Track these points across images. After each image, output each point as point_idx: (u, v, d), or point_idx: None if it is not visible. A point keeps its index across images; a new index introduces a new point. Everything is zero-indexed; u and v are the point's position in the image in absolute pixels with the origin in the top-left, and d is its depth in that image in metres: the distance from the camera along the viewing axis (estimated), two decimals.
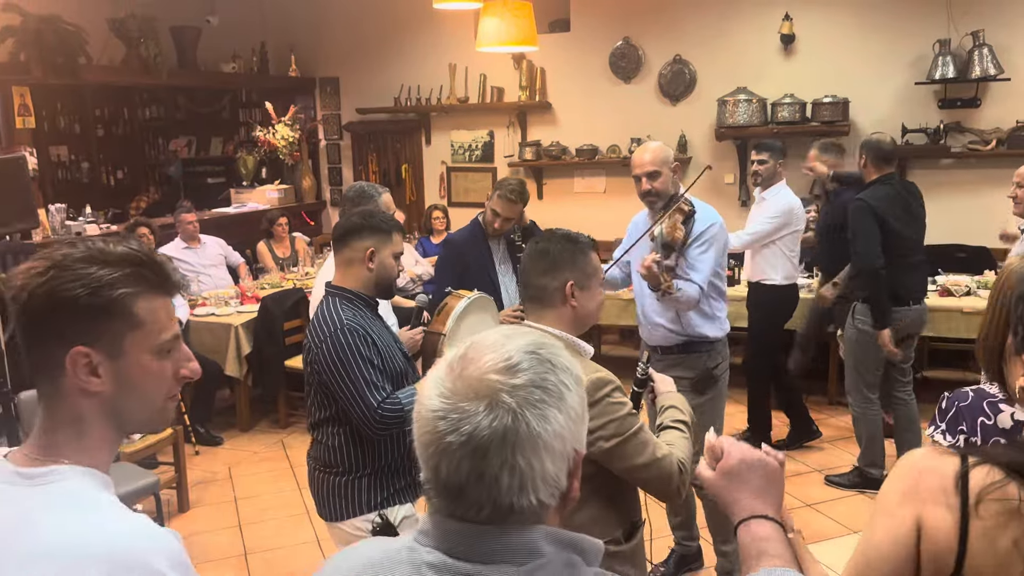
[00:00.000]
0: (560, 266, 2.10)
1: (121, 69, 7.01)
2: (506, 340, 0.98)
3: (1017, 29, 6.12)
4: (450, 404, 0.93)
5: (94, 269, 1.07)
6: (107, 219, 7.19)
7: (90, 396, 1.09)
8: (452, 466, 0.92)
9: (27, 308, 1.07)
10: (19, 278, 1.08)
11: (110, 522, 1.05)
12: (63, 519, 1.03)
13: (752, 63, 6.87)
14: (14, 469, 1.07)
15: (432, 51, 7.94)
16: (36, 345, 1.09)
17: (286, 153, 8.00)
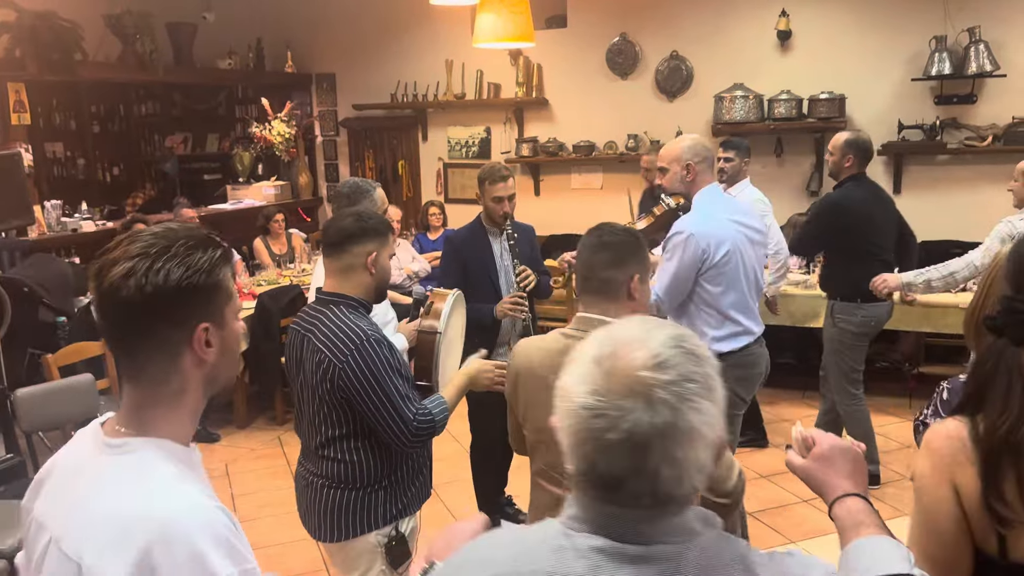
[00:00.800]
0: (627, 259, 2.13)
1: (117, 65, 7.00)
2: (647, 334, 1.00)
3: (1013, 25, 6.12)
4: (606, 402, 0.96)
5: (199, 254, 1.17)
6: (103, 216, 7.18)
7: (202, 366, 1.21)
8: (611, 461, 0.96)
9: (133, 301, 1.13)
10: (118, 270, 1.14)
11: (162, 497, 1.12)
12: (124, 488, 1.13)
13: (749, 59, 6.87)
14: (104, 440, 1.19)
15: (429, 47, 7.93)
16: (146, 332, 1.16)
17: (282, 149, 7.99)
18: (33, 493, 1.28)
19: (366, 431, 2.35)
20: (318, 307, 2.43)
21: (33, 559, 1.20)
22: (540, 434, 2.12)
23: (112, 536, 1.09)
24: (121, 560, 1.06)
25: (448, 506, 4.47)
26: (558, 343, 2.15)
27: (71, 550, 1.12)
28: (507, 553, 1.04)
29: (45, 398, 3.85)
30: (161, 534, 1.08)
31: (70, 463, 1.24)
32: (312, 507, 2.46)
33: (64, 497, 1.19)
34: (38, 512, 1.23)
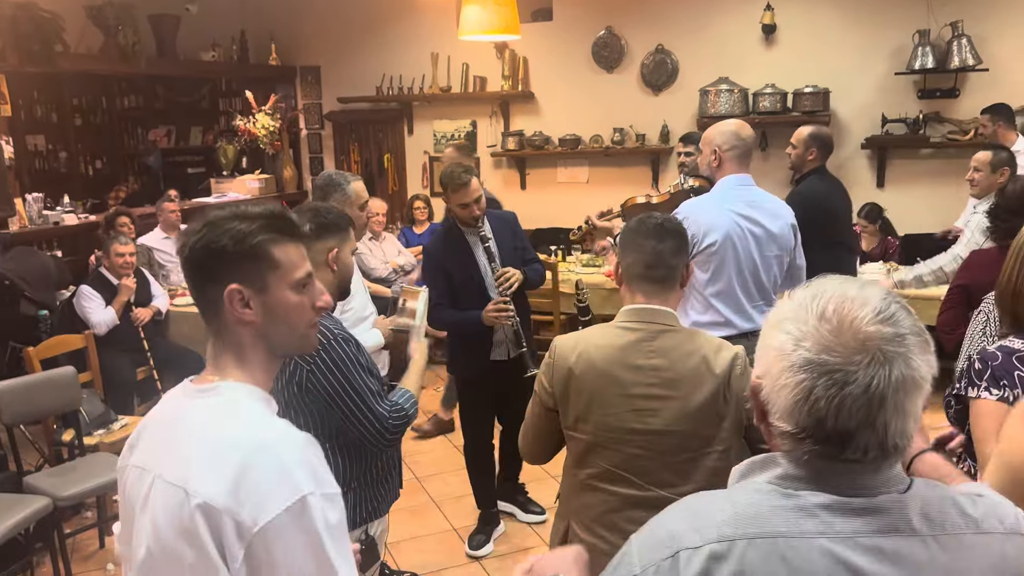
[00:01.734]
0: (684, 247, 2.14)
1: (99, 57, 6.93)
2: (863, 291, 1.03)
3: (995, 20, 6.17)
4: (840, 358, 0.97)
5: (236, 223, 1.35)
6: (86, 209, 7.12)
7: (245, 325, 1.36)
8: (845, 416, 0.97)
9: (191, 259, 1.36)
10: (182, 237, 1.38)
11: (254, 424, 1.30)
12: (218, 420, 1.30)
13: (734, 53, 6.88)
14: (193, 387, 1.38)
15: (414, 40, 7.91)
16: (201, 287, 1.37)
17: (267, 143, 7.94)
18: (127, 453, 1.42)
19: (334, 433, 2.25)
20: None
21: (137, 504, 1.33)
22: (607, 434, 2.03)
23: (211, 459, 1.24)
24: (221, 476, 1.21)
25: (433, 498, 4.47)
26: (620, 338, 2.06)
27: (175, 478, 1.26)
28: (728, 515, 1.03)
29: (26, 391, 3.82)
30: (255, 452, 1.23)
31: (163, 416, 1.40)
32: None
33: (162, 441, 1.34)
34: (137, 462, 1.37)
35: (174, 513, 1.25)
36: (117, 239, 5.28)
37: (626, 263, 2.12)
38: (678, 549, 1.02)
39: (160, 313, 5.45)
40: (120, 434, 4.35)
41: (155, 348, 5.29)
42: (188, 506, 1.22)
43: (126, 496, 1.39)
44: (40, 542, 3.72)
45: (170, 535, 1.26)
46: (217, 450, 1.25)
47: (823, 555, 0.98)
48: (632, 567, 1.06)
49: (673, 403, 1.99)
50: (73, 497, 3.66)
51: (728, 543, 1.00)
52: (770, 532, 1.00)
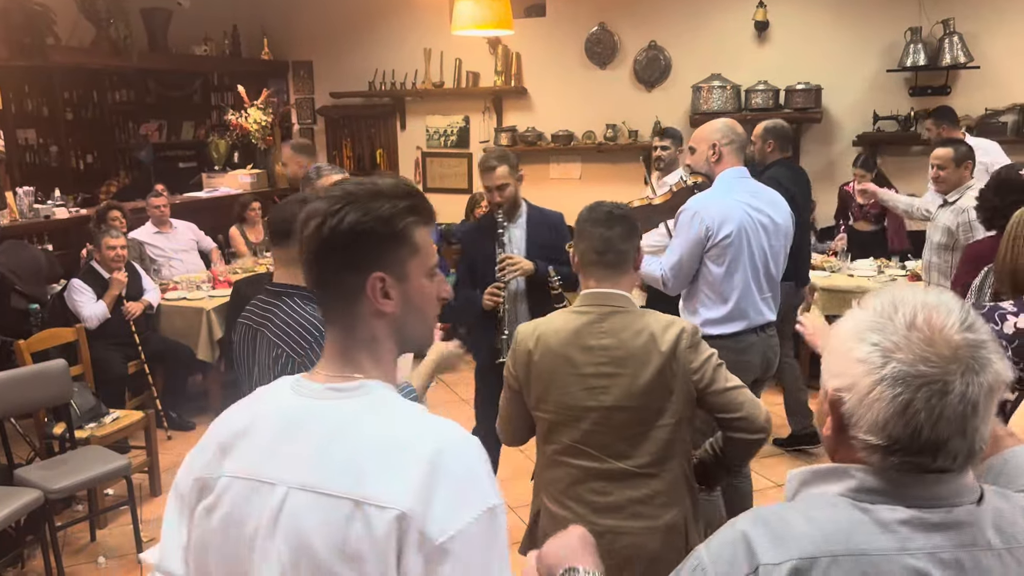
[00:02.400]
0: (634, 231, 2.22)
1: (90, 51, 6.90)
2: (941, 298, 1.02)
3: (986, 17, 6.20)
4: (938, 368, 0.97)
5: (381, 202, 1.18)
6: (76, 203, 7.09)
7: (382, 317, 1.20)
8: (942, 426, 0.97)
9: (329, 241, 1.17)
10: (313, 217, 1.19)
11: (430, 423, 1.15)
12: (383, 420, 1.14)
13: (726, 50, 6.90)
14: (324, 386, 1.19)
15: (407, 35, 7.90)
16: (335, 273, 1.19)
17: (259, 137, 7.92)
18: (213, 462, 1.19)
19: None
20: (269, 300, 2.31)
21: (254, 522, 1.12)
22: (566, 412, 2.15)
23: (388, 462, 1.08)
24: (404, 480, 1.06)
25: None
26: (574, 321, 2.18)
27: (335, 488, 1.08)
28: (806, 530, 1.01)
29: (17, 384, 3.80)
30: (440, 451, 1.08)
31: (274, 418, 1.19)
32: None
33: (291, 445, 1.14)
34: (242, 471, 1.16)
35: (336, 530, 1.07)
36: (108, 232, 5.26)
37: (580, 250, 2.22)
38: (758, 564, 1.01)
39: (151, 307, 5.43)
40: (111, 427, 4.35)
41: (146, 342, 5.28)
42: (362, 520, 1.06)
43: (220, 515, 1.16)
44: (31, 535, 3.70)
45: (327, 558, 1.07)
46: (396, 454, 1.09)
47: (905, 571, 0.98)
48: None
49: (623, 380, 2.11)
50: (64, 490, 3.65)
51: (810, 560, 0.99)
52: (853, 550, 0.99)
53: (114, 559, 3.92)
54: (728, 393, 2.12)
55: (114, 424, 4.39)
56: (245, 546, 1.13)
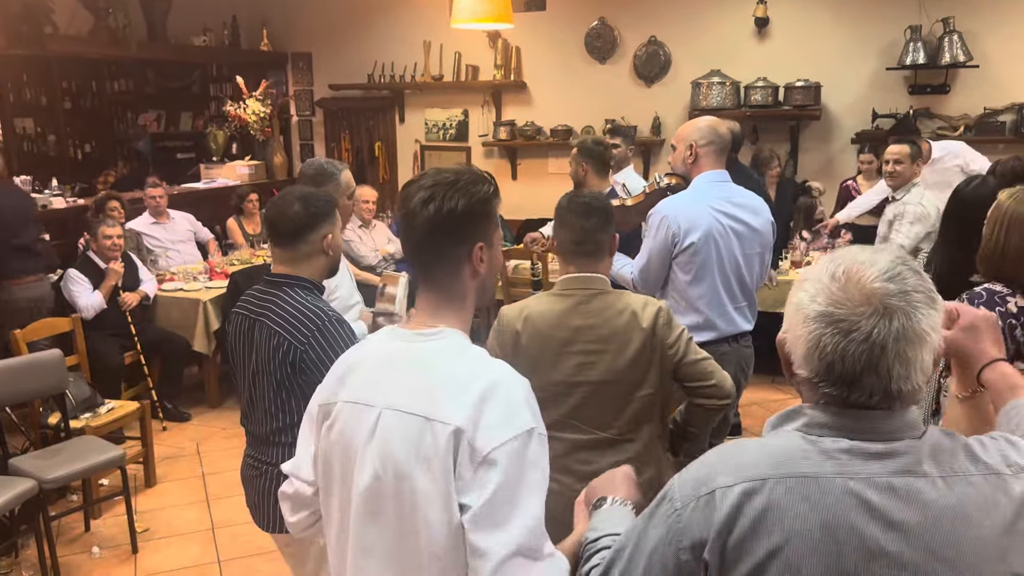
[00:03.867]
0: (611, 220, 2.37)
1: (89, 40, 6.89)
2: (875, 255, 1.17)
3: (986, 16, 6.19)
4: (845, 311, 1.12)
5: (480, 187, 1.46)
6: (74, 193, 7.08)
7: (476, 277, 1.50)
8: (850, 362, 1.11)
9: (447, 220, 1.42)
10: (420, 196, 1.43)
11: (487, 362, 1.44)
12: (452, 359, 1.43)
13: (726, 46, 6.89)
14: (413, 332, 1.47)
15: (406, 28, 7.88)
16: (445, 245, 1.45)
17: (257, 129, 7.91)
18: (332, 391, 1.51)
19: None
20: (268, 290, 2.32)
21: (357, 436, 1.43)
22: (554, 388, 2.29)
23: (451, 390, 1.36)
24: (461, 404, 1.33)
25: None
26: (559, 304, 2.32)
27: (413, 408, 1.37)
28: (759, 458, 1.17)
29: (13, 373, 3.80)
30: (491, 387, 1.36)
31: (376, 357, 1.50)
32: (264, 497, 2.34)
33: (386, 377, 1.44)
34: (351, 397, 1.47)
35: (412, 440, 1.35)
36: (104, 222, 5.25)
37: (560, 239, 2.37)
38: (714, 488, 1.16)
39: (148, 298, 5.43)
40: (107, 417, 4.35)
41: (142, 333, 5.28)
42: (430, 433, 1.34)
43: (337, 430, 1.47)
44: (25, 524, 3.71)
45: (405, 460, 1.36)
46: (457, 384, 1.37)
47: (842, 492, 1.11)
48: (674, 503, 1.20)
49: (607, 356, 2.28)
50: (59, 480, 3.65)
51: (759, 482, 1.14)
52: (796, 472, 1.13)
53: (108, 549, 3.92)
54: (699, 364, 2.36)
55: (109, 414, 4.39)
56: (354, 453, 1.43)
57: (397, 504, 1.37)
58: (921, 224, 4.44)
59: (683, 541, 1.16)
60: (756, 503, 1.13)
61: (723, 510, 1.14)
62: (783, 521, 1.11)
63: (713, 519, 1.14)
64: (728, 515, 1.13)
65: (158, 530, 4.10)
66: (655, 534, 1.21)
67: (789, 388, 5.79)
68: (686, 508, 1.17)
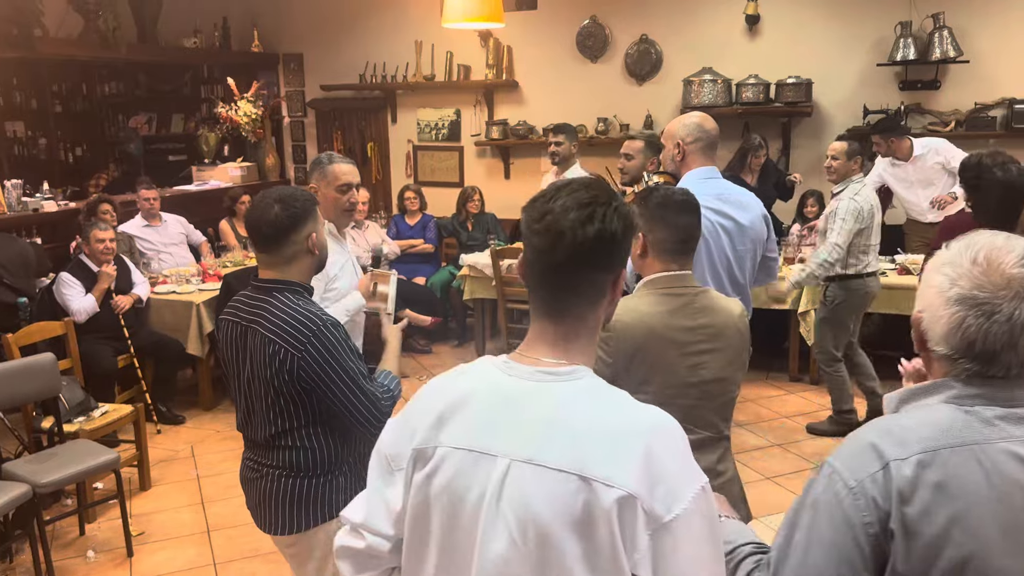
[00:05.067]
0: (700, 217, 2.34)
1: (79, 42, 6.86)
2: (1010, 241, 1.26)
3: (976, 12, 6.21)
4: (988, 294, 1.22)
5: (623, 203, 1.30)
6: (65, 196, 7.06)
7: (611, 306, 1.35)
8: (992, 340, 1.23)
9: (605, 240, 1.25)
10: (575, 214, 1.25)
11: (637, 409, 1.26)
12: (600, 406, 1.25)
13: (717, 43, 6.90)
14: (537, 369, 1.28)
15: (398, 28, 7.87)
16: (598, 271, 1.28)
17: (249, 130, 7.90)
18: (431, 429, 1.28)
19: (325, 418, 2.24)
20: (257, 296, 2.27)
21: (476, 491, 1.23)
22: (669, 390, 2.22)
23: (611, 446, 1.18)
24: (627, 464, 1.16)
25: None
26: (665, 304, 2.24)
27: (561, 464, 1.18)
28: (923, 431, 1.25)
29: (5, 377, 3.78)
30: (656, 439, 1.20)
31: (488, 396, 1.28)
32: (267, 499, 2.31)
33: (509, 421, 1.24)
34: (460, 443, 1.25)
35: (563, 502, 1.17)
36: (97, 225, 5.24)
37: (659, 237, 2.24)
38: (888, 461, 1.22)
39: (141, 301, 5.41)
40: (100, 421, 4.33)
41: (136, 336, 5.26)
42: (589, 494, 1.16)
43: (440, 481, 1.26)
44: (19, 529, 3.69)
45: (552, 524, 1.17)
46: (617, 438, 1.19)
47: (1006, 455, 1.21)
48: (847, 483, 1.24)
49: (717, 355, 2.25)
50: (53, 484, 3.64)
51: (932, 453, 1.22)
52: (965, 441, 1.22)
53: (103, 553, 3.91)
54: None
55: (103, 418, 4.38)
56: (468, 511, 1.23)
57: (538, 574, 1.19)
58: (853, 219, 4.58)
59: (867, 516, 1.21)
60: (932, 473, 1.20)
61: (901, 482, 1.20)
62: (963, 487, 1.20)
63: (892, 491, 1.21)
64: (907, 486, 1.20)
65: (153, 533, 4.09)
66: (829, 519, 1.24)
67: (784, 384, 5.80)
68: (862, 485, 1.22)
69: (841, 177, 4.73)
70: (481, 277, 6.26)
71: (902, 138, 5.72)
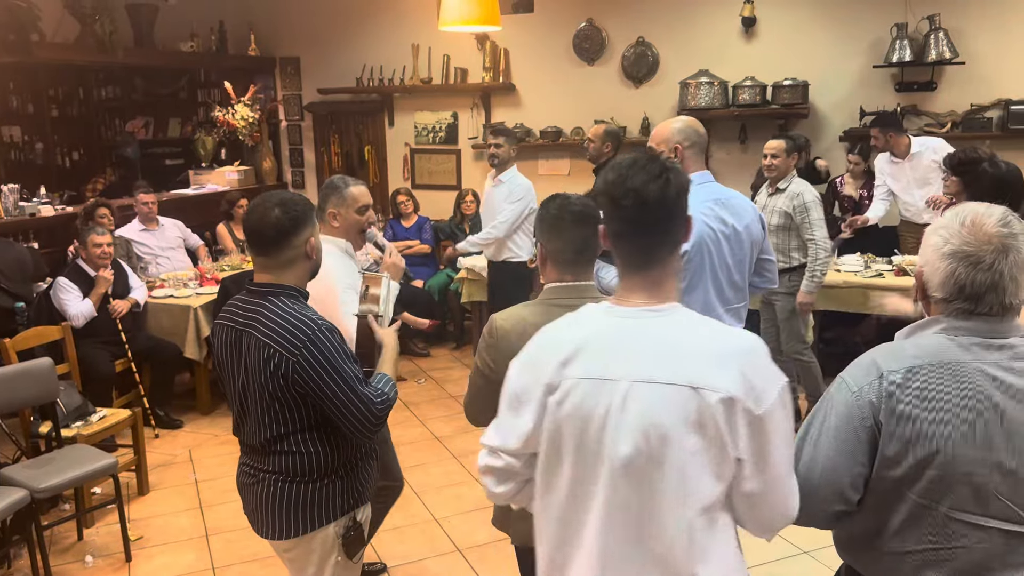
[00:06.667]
0: (598, 226, 2.31)
1: (75, 47, 6.86)
2: (990, 208, 1.62)
3: (972, 14, 6.22)
4: (974, 248, 1.58)
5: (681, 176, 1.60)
6: (62, 201, 7.04)
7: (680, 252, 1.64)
8: (978, 284, 1.58)
9: (679, 196, 1.56)
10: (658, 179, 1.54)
11: (731, 332, 1.58)
12: (699, 330, 1.55)
13: (714, 46, 6.91)
14: (641, 309, 1.57)
15: (394, 31, 7.88)
16: (672, 222, 1.57)
17: (246, 134, 7.91)
18: (558, 367, 1.56)
19: (320, 422, 2.25)
20: (253, 300, 2.28)
21: (602, 410, 1.51)
22: None
23: (712, 360, 1.48)
24: (731, 374, 1.46)
25: (414, 489, 4.47)
26: (556, 315, 2.14)
27: (674, 379, 1.47)
28: (914, 351, 1.62)
29: (3, 382, 3.78)
30: (749, 353, 1.50)
31: (605, 335, 1.57)
32: (263, 504, 2.32)
33: (625, 352, 1.53)
34: (585, 374, 1.53)
35: (679, 408, 1.46)
36: (94, 230, 5.23)
37: (555, 248, 2.23)
38: (883, 371, 1.61)
39: (138, 305, 5.41)
40: (98, 426, 4.33)
41: (133, 340, 5.26)
42: (701, 401, 1.45)
43: (570, 405, 1.54)
44: (17, 534, 3.68)
45: (673, 427, 1.46)
46: (714, 355, 1.49)
47: (977, 372, 1.58)
48: (851, 388, 1.64)
49: None
50: (51, 489, 3.63)
51: (917, 367, 1.59)
52: (944, 360, 1.59)
53: (102, 558, 3.90)
54: None
55: (101, 423, 4.37)
56: (596, 425, 1.51)
57: (663, 468, 1.47)
58: (816, 209, 4.76)
59: (864, 411, 1.61)
60: (917, 381, 1.58)
61: (891, 387, 1.59)
62: (938, 393, 1.57)
63: (883, 392, 1.59)
64: (895, 390, 1.58)
65: (152, 538, 4.09)
66: (836, 415, 1.64)
67: None
68: (862, 390, 1.62)
69: (783, 174, 4.85)
70: (479, 280, 6.26)
71: (900, 134, 5.74)
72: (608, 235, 1.62)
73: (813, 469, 1.66)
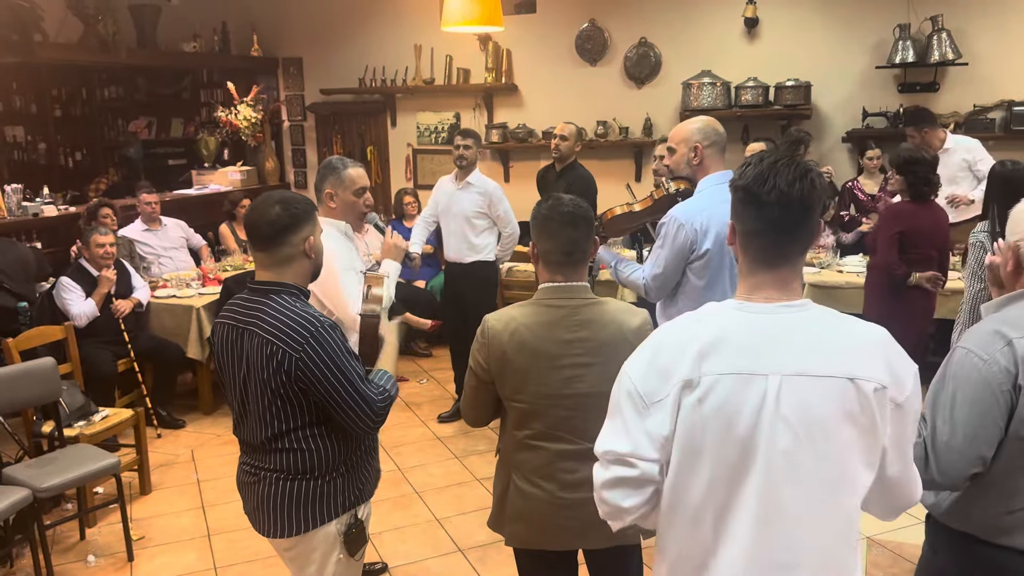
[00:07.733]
0: (593, 225, 2.34)
1: (78, 47, 6.87)
2: None
3: (975, 14, 6.22)
4: None
5: None
6: (65, 201, 7.06)
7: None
8: None
9: (815, 201, 1.55)
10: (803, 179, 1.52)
11: (864, 323, 1.59)
12: (840, 323, 1.57)
13: (716, 46, 6.91)
14: (776, 305, 1.55)
15: (397, 32, 7.88)
16: (812, 220, 1.56)
17: (248, 134, 7.92)
18: (693, 364, 1.51)
19: (321, 419, 2.26)
20: (255, 298, 2.28)
21: (753, 405, 1.48)
22: (542, 401, 2.28)
23: (861, 351, 1.52)
24: (876, 363, 1.51)
25: (416, 489, 4.48)
26: (546, 315, 2.27)
27: (829, 371, 1.49)
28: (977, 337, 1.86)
29: (6, 382, 3.79)
30: (888, 345, 1.55)
31: (743, 331, 1.54)
32: (265, 503, 2.32)
33: (770, 346, 1.51)
34: (728, 369, 1.50)
35: (835, 400, 1.48)
36: (97, 230, 5.24)
37: (545, 248, 2.29)
38: (1011, 338, 1.79)
39: (141, 305, 5.41)
40: (100, 425, 4.33)
41: (136, 340, 5.27)
42: (858, 392, 1.48)
43: (713, 403, 1.49)
44: (20, 533, 3.69)
45: (831, 419, 1.48)
46: (861, 347, 1.52)
47: None
48: (980, 356, 1.80)
49: (596, 368, 2.25)
50: (53, 488, 3.63)
51: None
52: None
53: (104, 557, 3.91)
54: None
55: (103, 422, 4.38)
56: (744, 422, 1.49)
57: (821, 460, 1.49)
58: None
59: (1000, 377, 1.76)
60: None
61: (1022, 351, 1.78)
62: None
63: (1016, 357, 1.76)
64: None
65: (154, 537, 4.09)
66: (969, 384, 1.79)
67: None
68: (994, 357, 1.78)
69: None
70: None
71: (935, 128, 5.68)
72: (738, 231, 1.59)
73: (954, 438, 1.78)
